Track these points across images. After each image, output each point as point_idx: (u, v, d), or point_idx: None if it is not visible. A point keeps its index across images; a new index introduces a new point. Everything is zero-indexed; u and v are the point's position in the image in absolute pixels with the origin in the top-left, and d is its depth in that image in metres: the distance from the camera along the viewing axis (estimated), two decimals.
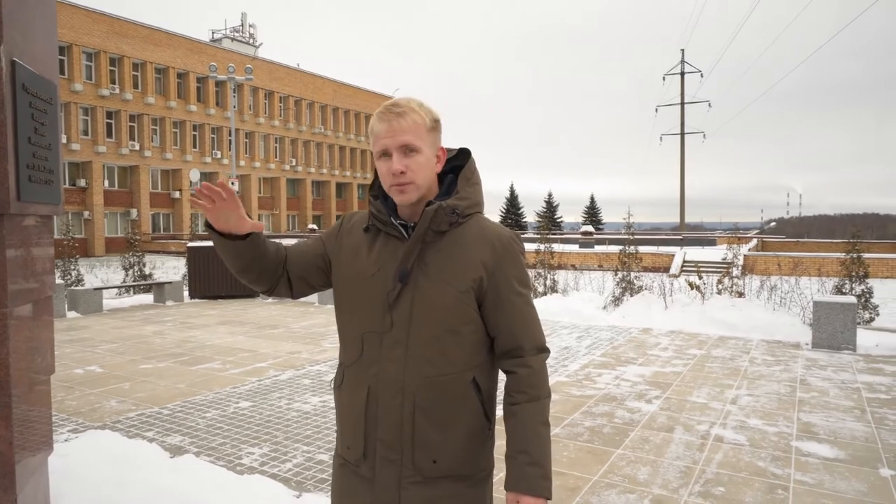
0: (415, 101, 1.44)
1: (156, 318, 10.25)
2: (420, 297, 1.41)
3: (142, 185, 38.42)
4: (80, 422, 4.71)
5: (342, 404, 1.54)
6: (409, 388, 1.41)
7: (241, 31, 46.91)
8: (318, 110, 50.53)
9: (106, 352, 7.33)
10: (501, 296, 1.45)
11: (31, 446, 2.63)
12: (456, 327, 1.41)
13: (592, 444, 4.22)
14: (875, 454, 4.05)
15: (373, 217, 1.49)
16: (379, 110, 1.44)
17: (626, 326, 9.19)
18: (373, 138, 1.44)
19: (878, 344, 7.72)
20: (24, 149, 2.44)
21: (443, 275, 1.41)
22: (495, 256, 1.44)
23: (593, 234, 35.43)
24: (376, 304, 1.43)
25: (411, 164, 1.40)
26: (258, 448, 4.13)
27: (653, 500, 3.35)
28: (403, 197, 1.41)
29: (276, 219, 48.42)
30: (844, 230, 64.72)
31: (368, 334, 1.44)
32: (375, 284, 1.44)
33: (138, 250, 15.11)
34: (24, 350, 2.57)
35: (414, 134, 1.40)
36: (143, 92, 37.83)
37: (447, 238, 1.44)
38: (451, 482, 1.43)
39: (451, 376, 1.42)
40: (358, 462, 1.47)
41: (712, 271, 11.57)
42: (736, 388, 5.67)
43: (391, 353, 1.42)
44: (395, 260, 1.43)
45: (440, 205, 1.42)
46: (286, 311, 10.96)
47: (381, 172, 1.43)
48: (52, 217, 3.00)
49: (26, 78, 2.49)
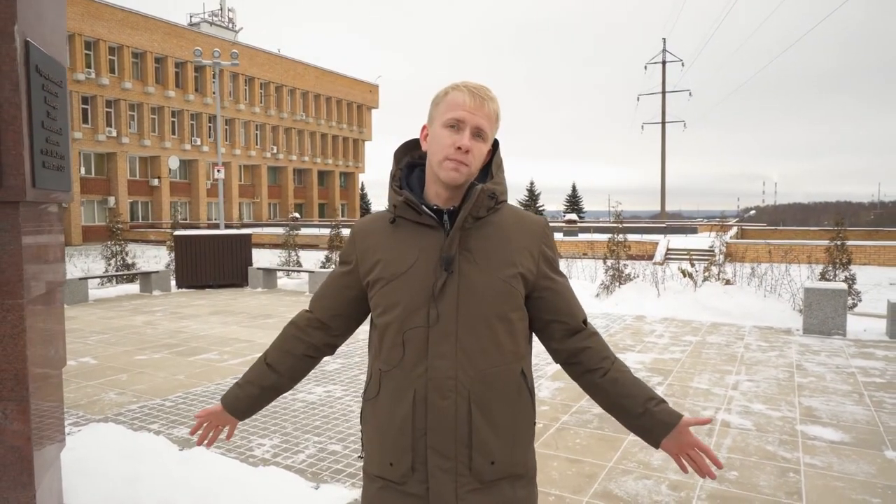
0: (497, 97, 1.42)
1: (144, 308, 10.07)
2: (466, 286, 1.34)
3: (119, 173, 37.68)
4: (80, 414, 4.61)
5: (380, 416, 1.40)
6: (462, 384, 1.33)
7: (219, 15, 45.99)
8: (300, 97, 49.89)
9: (98, 343, 7.19)
10: (554, 280, 1.44)
11: (46, 441, 2.56)
12: (507, 313, 1.37)
13: (603, 430, 4.25)
14: (878, 437, 4.13)
15: (401, 208, 1.40)
16: (468, 84, 1.38)
17: (620, 314, 9.26)
18: (446, 105, 1.37)
19: (866, 329, 7.89)
20: (38, 134, 2.36)
21: (489, 261, 1.36)
22: (540, 242, 1.43)
23: (577, 222, 35.62)
24: (418, 298, 1.34)
25: (475, 149, 1.35)
26: (268, 440, 4.08)
27: (670, 486, 3.38)
28: (454, 175, 1.34)
29: (257, 207, 47.88)
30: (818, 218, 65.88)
31: (412, 331, 1.35)
32: (415, 277, 1.35)
33: (121, 239, 14.84)
34: (39, 342, 2.50)
35: (491, 123, 1.38)
36: (120, 77, 36.98)
37: (487, 224, 1.39)
38: (508, 483, 1.39)
39: (505, 367, 1.37)
40: (404, 478, 1.36)
41: (698, 259, 11.69)
42: (735, 374, 5.74)
43: (440, 349, 1.33)
44: (433, 249, 1.36)
45: (483, 187, 1.37)
46: (278, 301, 10.85)
47: (440, 141, 1.36)
48: (62, 204, 2.91)
49: (39, 59, 2.39)
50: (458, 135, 1.33)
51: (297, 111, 49.52)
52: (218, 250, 12.73)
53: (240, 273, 12.87)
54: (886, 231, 31.24)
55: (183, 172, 42.81)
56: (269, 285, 12.61)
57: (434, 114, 1.39)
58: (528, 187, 68.79)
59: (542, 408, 4.70)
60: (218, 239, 12.91)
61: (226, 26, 45.85)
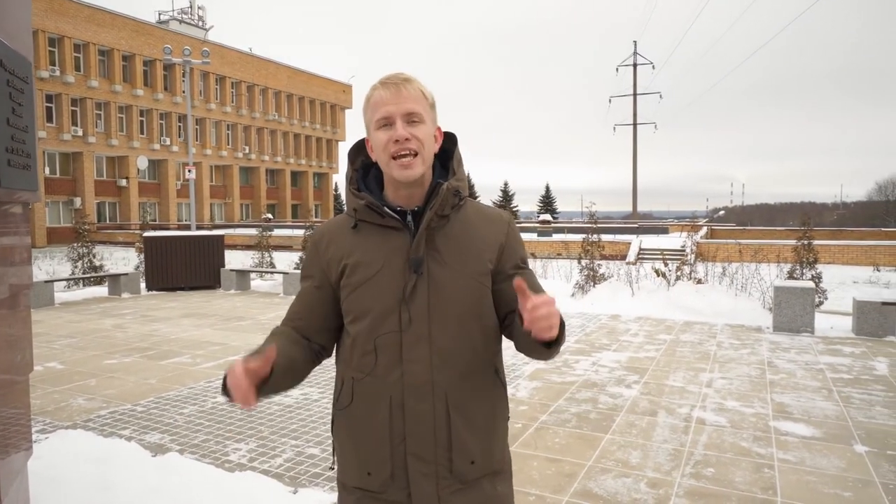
0: (414, 76, 1.36)
1: (113, 311, 9.83)
2: (436, 287, 1.31)
3: (86, 173, 36.79)
4: (47, 421, 4.46)
5: (354, 425, 1.36)
6: (439, 386, 1.31)
7: (189, 13, 45.21)
8: (272, 97, 49.33)
9: (65, 347, 6.98)
10: (522, 271, 1.42)
11: (12, 449, 2.47)
12: (478, 312, 1.35)
13: (581, 429, 4.27)
14: (848, 432, 4.23)
15: (362, 212, 1.35)
16: (381, 79, 1.34)
17: (595, 313, 9.34)
18: (370, 109, 1.33)
19: (833, 326, 8.09)
20: (3, 131, 2.28)
21: (458, 260, 1.33)
22: (504, 237, 1.40)
23: (551, 222, 35.90)
24: (388, 303, 1.31)
25: (417, 133, 1.30)
26: (244, 444, 4.00)
27: (649, 483, 3.41)
28: (407, 172, 1.29)
29: (228, 208, 47.18)
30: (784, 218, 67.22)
31: (384, 337, 1.31)
32: (383, 282, 1.31)
33: (88, 241, 14.47)
34: (4, 347, 2.41)
35: (420, 103, 1.32)
36: (86, 75, 36.11)
37: (452, 222, 1.36)
38: (488, 481, 1.39)
39: (480, 366, 1.36)
40: (384, 487, 1.34)
41: (670, 259, 11.88)
42: (709, 372, 5.83)
43: (414, 353, 1.30)
44: (400, 252, 1.32)
45: (448, 185, 1.33)
46: (251, 303, 10.69)
47: (379, 144, 1.31)
48: (28, 204, 2.81)
49: (3, 54, 2.31)
50: (392, 129, 1.29)
51: (269, 111, 48.94)
52: (190, 252, 12.49)
53: (212, 275, 12.65)
54: (850, 231, 32.16)
55: (152, 173, 41.98)
56: (242, 287, 12.42)
57: (367, 122, 1.36)
58: (502, 188, 69.22)
59: (521, 408, 4.71)
60: (190, 240, 12.67)
61: (195, 24, 45.08)
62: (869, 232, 31.10)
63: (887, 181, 62.37)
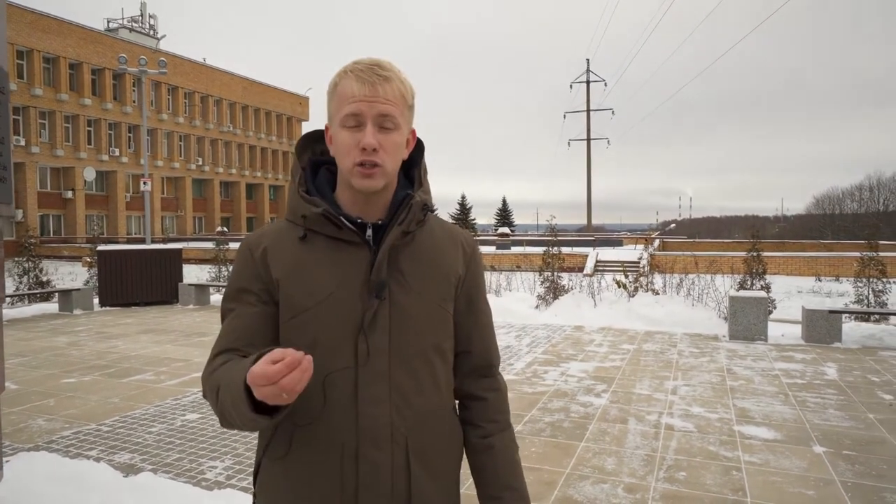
0: (398, 68, 1.14)
1: (65, 328, 9.45)
2: (399, 315, 1.12)
3: (28, 184, 35.31)
4: (6, 444, 4.26)
5: (293, 479, 1.12)
6: (399, 431, 1.12)
7: (140, 21, 44.12)
8: (227, 108, 48.51)
9: (17, 366, 6.68)
10: (476, 306, 1.26)
11: None
12: (442, 344, 1.19)
13: (556, 438, 4.35)
14: (806, 434, 4.45)
15: (314, 221, 1.13)
16: (354, 67, 1.10)
17: (560, 324, 9.52)
18: (337, 100, 1.11)
19: (784, 334, 8.47)
20: None
21: (423, 285, 1.16)
22: (467, 261, 1.24)
23: (510, 235, 36.34)
24: (341, 333, 1.10)
25: (386, 142, 1.09)
26: (220, 461, 3.92)
27: (625, 488, 3.51)
28: (369, 182, 1.09)
29: (181, 220, 45.98)
30: (730, 230, 69.29)
31: (335, 374, 1.09)
32: (335, 308, 1.10)
33: (34, 255, 13.89)
34: None
35: (398, 106, 1.11)
36: (30, 83, 34.81)
37: (416, 240, 1.18)
38: None
39: (441, 406, 1.20)
40: None
41: (627, 270, 12.22)
42: (673, 380, 6.03)
43: (372, 392, 1.10)
44: (357, 271, 1.11)
45: (416, 198, 1.15)
46: (211, 318, 10.45)
47: (342, 146, 1.10)
48: (6, 217, 2.73)
49: None
50: (360, 133, 1.08)
51: (223, 122, 48.09)
52: (145, 266, 12.13)
53: (169, 290, 12.31)
54: (792, 243, 33.71)
55: (100, 184, 40.59)
56: (201, 302, 12.13)
57: (331, 110, 1.14)
58: (460, 201, 69.68)
59: None
60: (145, 254, 12.32)
61: (146, 33, 44.02)
62: (809, 244, 32.66)
63: (824, 196, 65.79)
